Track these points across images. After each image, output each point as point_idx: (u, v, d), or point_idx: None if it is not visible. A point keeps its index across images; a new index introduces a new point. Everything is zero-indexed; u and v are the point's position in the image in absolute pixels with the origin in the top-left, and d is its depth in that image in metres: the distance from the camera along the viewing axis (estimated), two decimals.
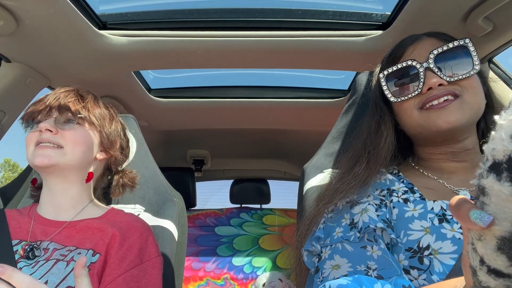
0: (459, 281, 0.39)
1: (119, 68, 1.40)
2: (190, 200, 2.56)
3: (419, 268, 0.61)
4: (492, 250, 0.28)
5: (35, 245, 0.80)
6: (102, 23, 1.24)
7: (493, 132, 0.27)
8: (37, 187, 0.98)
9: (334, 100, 1.79)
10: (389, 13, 1.22)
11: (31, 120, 0.89)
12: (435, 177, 0.73)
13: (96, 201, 0.97)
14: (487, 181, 0.27)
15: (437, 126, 0.68)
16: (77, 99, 0.91)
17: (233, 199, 2.74)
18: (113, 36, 1.25)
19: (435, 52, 0.71)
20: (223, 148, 2.51)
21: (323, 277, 0.63)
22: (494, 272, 0.28)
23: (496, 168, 0.26)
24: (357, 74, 1.45)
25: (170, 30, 1.26)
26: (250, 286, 2.27)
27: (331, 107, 1.79)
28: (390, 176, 0.76)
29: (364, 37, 1.26)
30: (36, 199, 0.98)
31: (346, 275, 0.59)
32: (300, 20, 1.28)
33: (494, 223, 0.27)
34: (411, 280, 0.60)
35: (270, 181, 2.85)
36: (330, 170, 0.97)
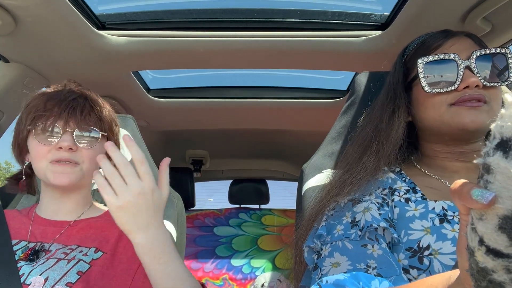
0: (453, 273, 0.39)
1: (118, 68, 1.40)
2: (189, 200, 2.56)
3: (418, 268, 0.61)
4: (493, 229, 0.28)
5: (37, 249, 0.80)
6: (101, 23, 1.24)
7: (502, 110, 0.27)
8: (16, 179, 0.93)
9: (333, 100, 1.79)
10: (388, 14, 1.22)
11: (38, 124, 0.82)
12: (437, 177, 0.73)
13: (95, 203, 0.97)
14: (493, 158, 0.27)
15: (463, 124, 0.68)
16: (93, 110, 0.87)
17: (232, 200, 2.74)
18: (112, 36, 1.25)
19: (478, 53, 0.70)
20: (222, 148, 2.51)
21: (322, 274, 0.63)
22: (493, 252, 0.28)
23: (503, 146, 0.27)
24: (356, 74, 1.46)
25: (169, 30, 1.26)
26: (249, 287, 2.27)
27: (330, 107, 1.80)
28: (392, 175, 0.76)
29: (363, 38, 1.26)
30: (27, 190, 0.95)
31: (345, 273, 0.59)
32: (299, 20, 1.28)
33: (497, 201, 0.27)
34: (410, 280, 0.60)
35: (269, 182, 2.85)
36: (329, 170, 0.97)
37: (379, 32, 1.24)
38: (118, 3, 1.31)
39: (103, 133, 0.86)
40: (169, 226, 1.07)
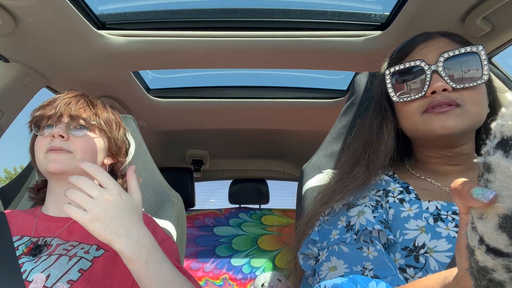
0: (449, 272, 0.39)
1: (118, 68, 1.40)
2: (189, 200, 2.56)
3: (415, 267, 0.61)
4: (493, 228, 0.28)
5: (40, 243, 0.81)
6: (101, 23, 1.24)
7: (503, 109, 0.27)
8: (37, 189, 0.99)
9: (333, 100, 1.79)
10: (388, 14, 1.22)
11: (40, 124, 0.89)
12: (430, 179, 0.74)
13: None
14: (493, 157, 0.27)
15: (434, 131, 0.68)
16: (88, 105, 0.92)
17: (232, 199, 2.74)
18: (112, 36, 1.25)
19: (446, 55, 0.68)
20: (222, 148, 2.51)
21: (319, 278, 0.63)
22: (493, 252, 0.28)
23: (504, 145, 0.27)
24: (356, 74, 1.46)
25: (169, 30, 1.26)
26: (249, 287, 2.27)
27: (330, 107, 1.80)
28: (385, 177, 0.76)
29: (363, 38, 1.26)
30: (36, 201, 0.98)
31: (342, 276, 0.59)
32: (299, 20, 1.28)
33: (497, 200, 0.27)
34: (407, 279, 0.61)
35: (269, 181, 2.85)
36: (329, 170, 0.97)
37: (379, 32, 1.24)
38: (118, 3, 1.31)
39: (94, 122, 0.90)
40: (169, 226, 1.07)
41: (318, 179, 0.96)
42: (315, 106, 1.82)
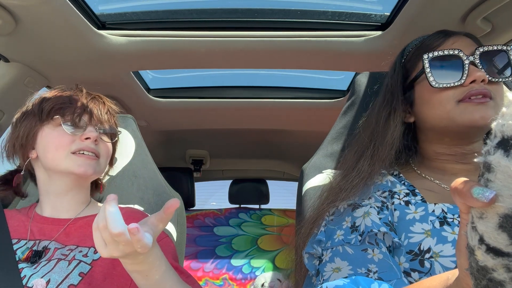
0: (451, 273, 0.39)
1: (118, 68, 1.40)
2: (189, 200, 2.56)
3: (420, 271, 0.61)
4: (493, 228, 0.28)
5: (37, 249, 0.80)
6: (101, 23, 1.24)
7: (504, 109, 0.28)
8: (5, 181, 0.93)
9: (333, 100, 1.79)
10: (388, 14, 1.22)
11: (54, 116, 0.84)
12: (437, 181, 0.73)
13: (94, 201, 0.97)
14: (494, 157, 0.27)
15: (474, 120, 0.67)
16: (108, 111, 0.93)
17: (232, 199, 2.74)
18: (112, 36, 1.25)
19: (481, 49, 0.71)
20: (222, 148, 2.51)
21: (323, 279, 0.63)
22: (493, 251, 0.28)
23: (504, 144, 0.27)
24: (356, 74, 1.46)
25: (169, 30, 1.26)
26: (249, 287, 2.27)
27: (330, 107, 1.80)
28: (391, 178, 0.75)
29: (363, 38, 1.26)
30: (18, 192, 0.95)
31: (345, 278, 0.59)
32: (299, 20, 1.28)
33: (498, 200, 0.27)
34: (411, 283, 0.60)
35: (269, 181, 2.85)
36: (329, 170, 0.97)
37: (379, 32, 1.24)
38: (118, 3, 1.31)
39: (120, 130, 0.92)
40: (169, 226, 1.07)
41: (318, 179, 0.96)
42: (315, 106, 1.82)
